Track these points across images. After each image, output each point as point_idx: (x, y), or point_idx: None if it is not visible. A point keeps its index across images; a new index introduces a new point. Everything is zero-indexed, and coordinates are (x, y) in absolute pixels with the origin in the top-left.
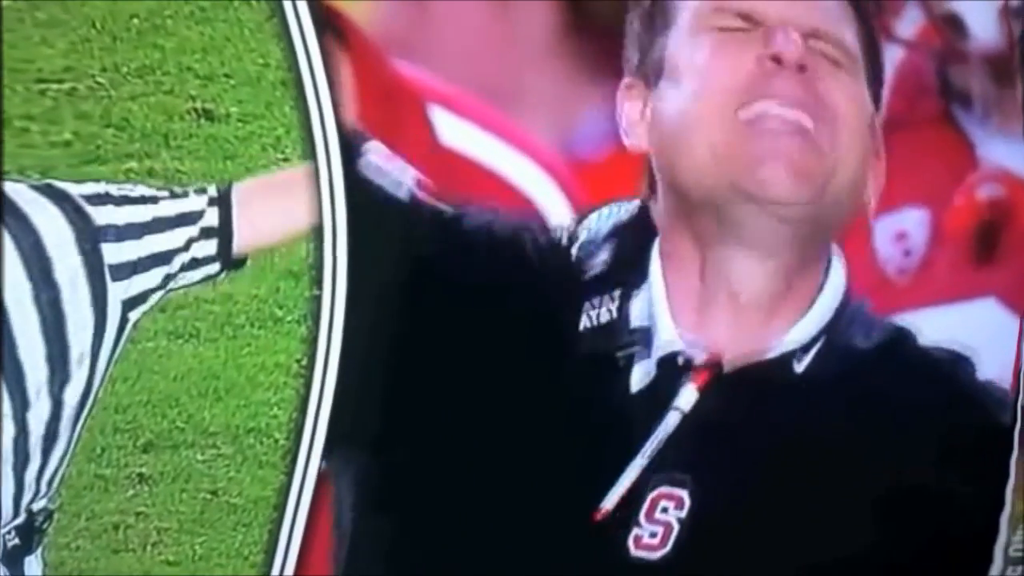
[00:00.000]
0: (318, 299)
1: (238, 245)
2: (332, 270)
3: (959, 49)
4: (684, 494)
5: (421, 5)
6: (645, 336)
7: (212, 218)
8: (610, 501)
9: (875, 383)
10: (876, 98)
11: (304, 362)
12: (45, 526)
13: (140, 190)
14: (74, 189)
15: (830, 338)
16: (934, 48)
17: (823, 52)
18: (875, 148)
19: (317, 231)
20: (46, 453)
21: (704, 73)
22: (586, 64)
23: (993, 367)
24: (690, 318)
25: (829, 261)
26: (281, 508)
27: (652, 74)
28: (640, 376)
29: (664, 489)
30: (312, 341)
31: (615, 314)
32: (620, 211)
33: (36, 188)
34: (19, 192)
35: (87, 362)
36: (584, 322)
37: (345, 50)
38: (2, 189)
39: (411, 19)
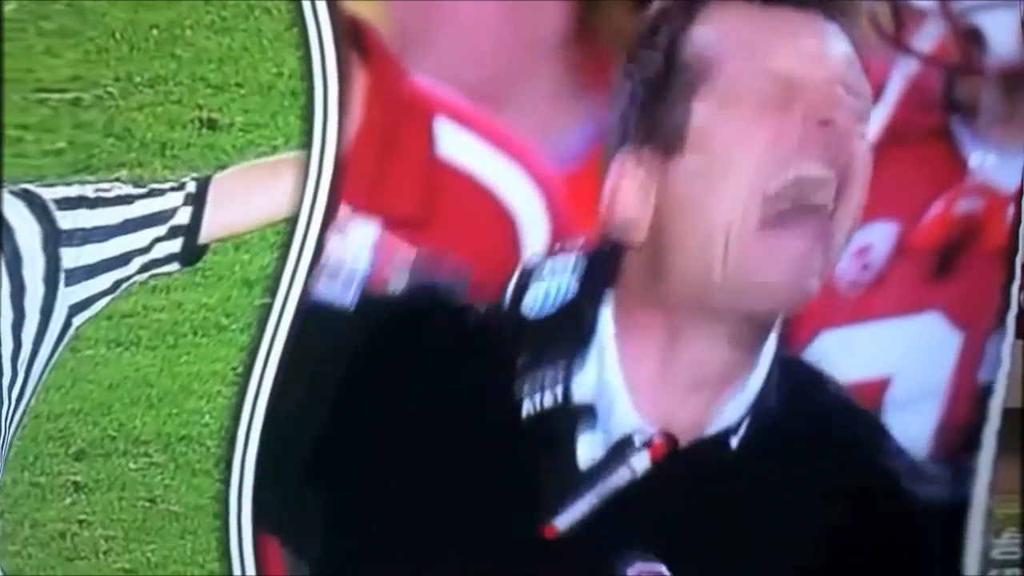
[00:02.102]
0: (267, 307)
1: (201, 239)
2: (290, 280)
3: (976, 63)
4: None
5: (430, 4)
6: (595, 412)
7: (184, 216)
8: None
9: (800, 454)
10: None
11: (239, 370)
12: None
13: (117, 190)
14: (47, 193)
15: (756, 415)
16: (949, 62)
17: (850, 107)
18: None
19: (287, 238)
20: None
21: (741, 148)
22: (584, 73)
23: (924, 382)
24: (648, 394)
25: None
26: (224, 516)
27: (666, 147)
28: (589, 451)
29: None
30: (251, 349)
31: (560, 397)
32: (566, 270)
33: (14, 193)
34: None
35: (26, 362)
36: (527, 407)
37: (362, 59)
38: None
39: (419, 15)
